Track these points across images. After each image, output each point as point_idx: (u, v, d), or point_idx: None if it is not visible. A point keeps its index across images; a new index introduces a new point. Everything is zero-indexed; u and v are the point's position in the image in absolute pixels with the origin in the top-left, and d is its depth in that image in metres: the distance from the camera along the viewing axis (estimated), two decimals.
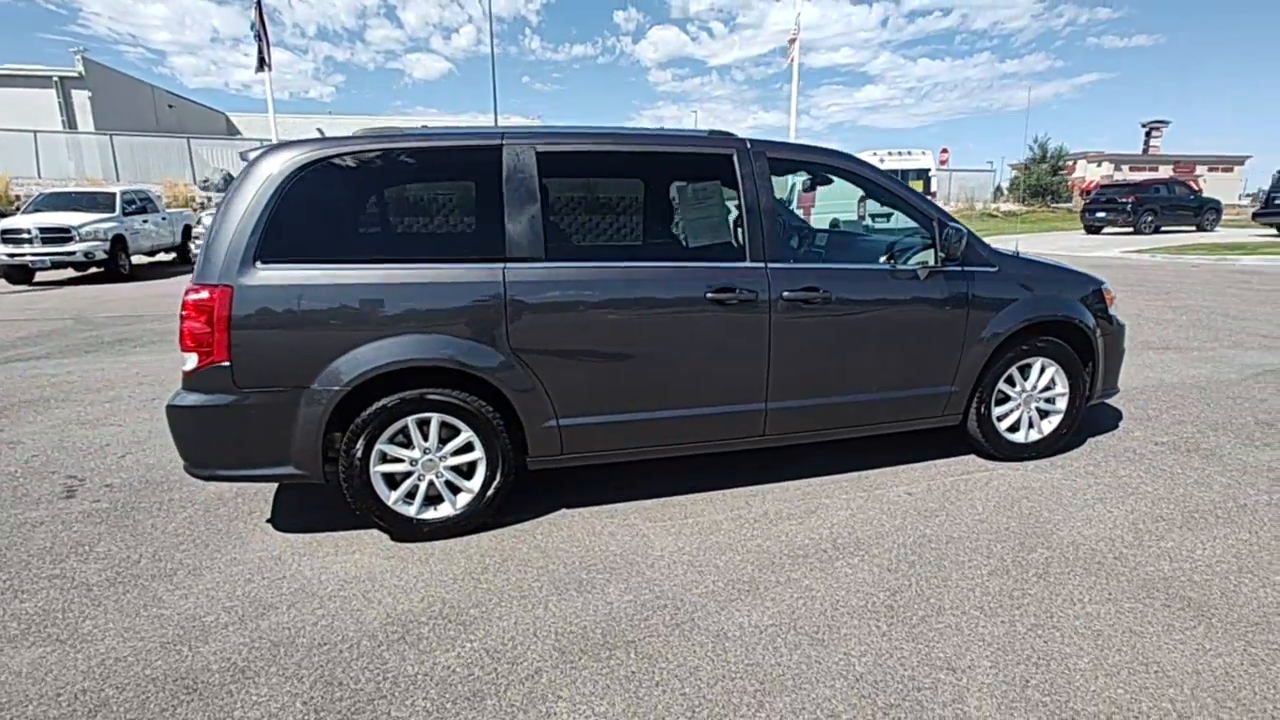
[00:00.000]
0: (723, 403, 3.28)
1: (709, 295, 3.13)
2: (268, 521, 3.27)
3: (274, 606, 2.55)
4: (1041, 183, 37.26)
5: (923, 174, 16.55)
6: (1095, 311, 3.85)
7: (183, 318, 2.74)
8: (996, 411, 3.77)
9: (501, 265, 2.95)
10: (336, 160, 2.89)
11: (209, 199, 22.12)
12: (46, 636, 2.34)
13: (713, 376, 3.24)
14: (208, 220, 8.79)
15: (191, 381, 2.81)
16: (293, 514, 3.34)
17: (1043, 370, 3.78)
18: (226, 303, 2.70)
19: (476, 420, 2.99)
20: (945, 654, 2.19)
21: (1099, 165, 45.78)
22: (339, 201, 3.00)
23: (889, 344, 3.45)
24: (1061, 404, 3.84)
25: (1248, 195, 41.46)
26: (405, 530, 3.07)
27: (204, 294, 2.72)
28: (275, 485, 3.61)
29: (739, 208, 3.31)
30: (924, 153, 17.03)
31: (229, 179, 13.31)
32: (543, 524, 3.21)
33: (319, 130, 31.20)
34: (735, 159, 3.28)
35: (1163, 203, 21.97)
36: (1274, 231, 19.73)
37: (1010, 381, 3.75)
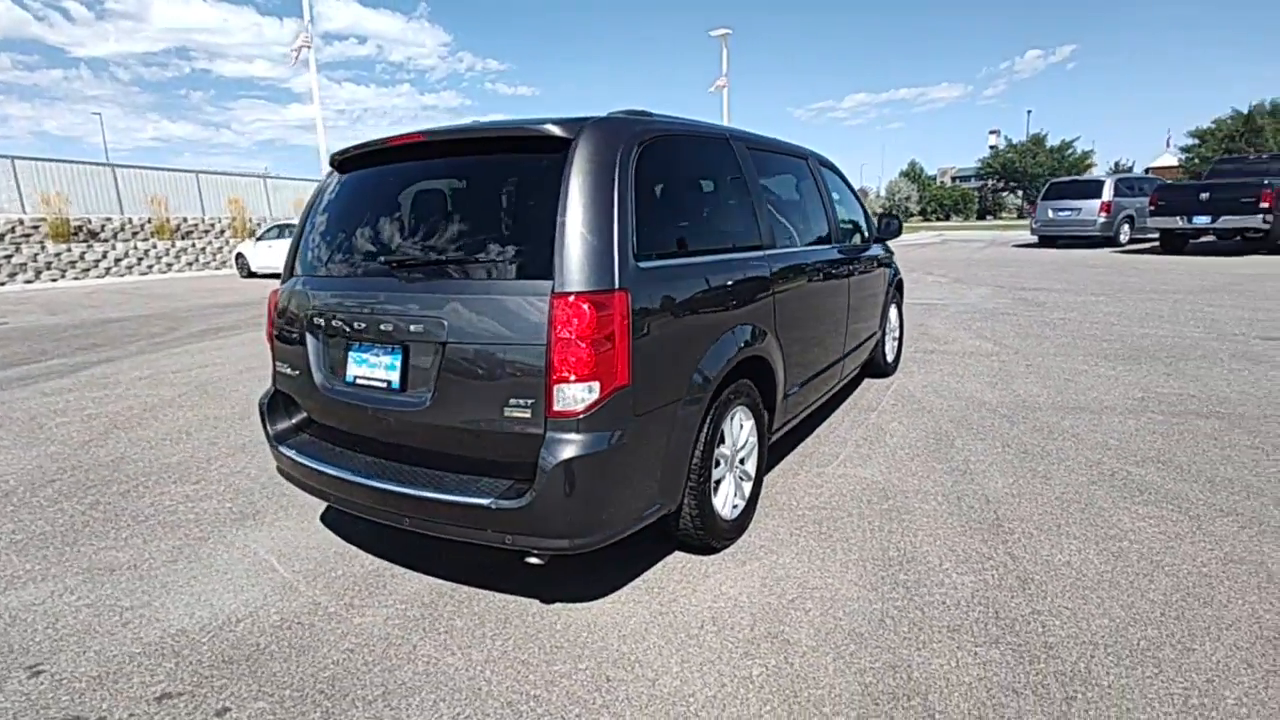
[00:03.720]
0: (835, 357, 3.97)
1: (841, 269, 3.97)
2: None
3: None
4: None
5: None
6: None
7: (567, 340, 2.01)
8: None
9: (763, 252, 3.05)
10: (666, 140, 2.54)
11: None
12: None
13: (832, 335, 3.91)
14: None
15: (590, 421, 2.06)
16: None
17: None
18: (626, 310, 2.12)
19: (754, 407, 2.89)
20: None
21: None
22: (675, 184, 2.68)
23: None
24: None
25: None
26: (715, 538, 2.66)
27: (597, 302, 2.04)
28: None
29: (824, 203, 4.11)
30: None
31: None
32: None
33: None
34: (809, 163, 4.08)
35: None
36: None
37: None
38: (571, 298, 1.99)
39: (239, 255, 18.13)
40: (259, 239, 17.40)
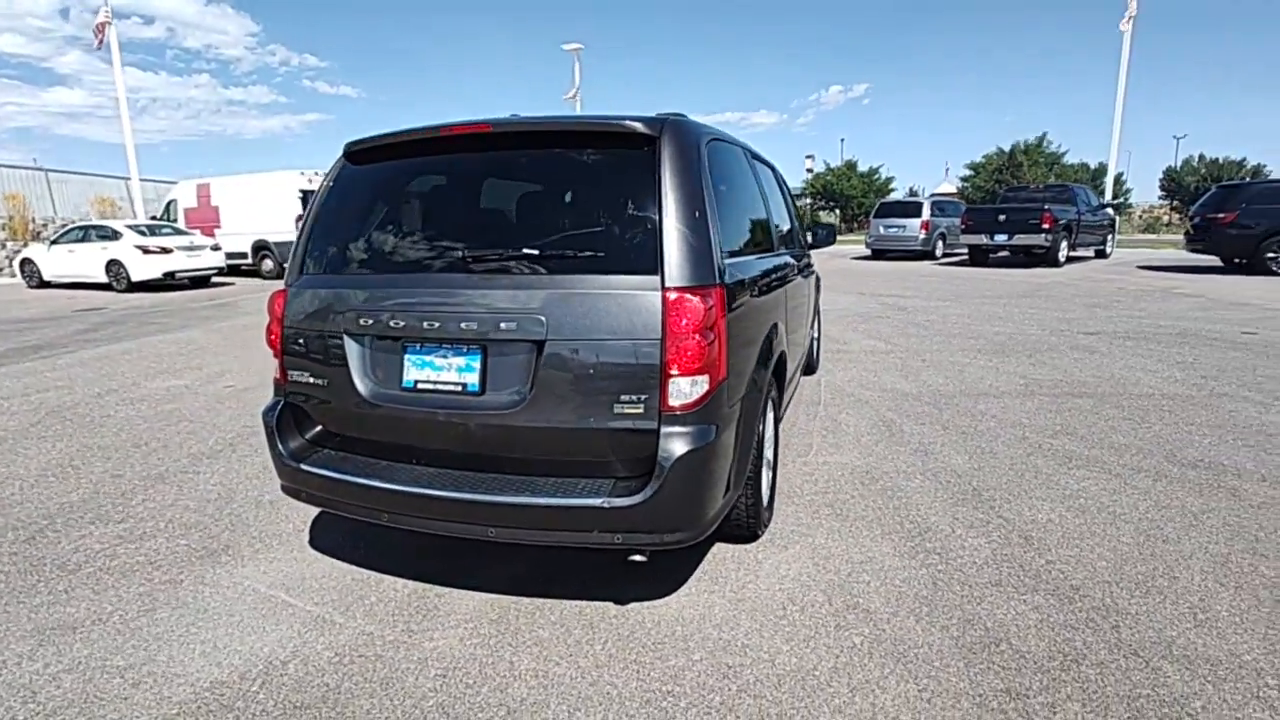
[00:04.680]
0: (801, 354, 4.26)
1: (804, 271, 4.29)
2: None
3: None
4: None
5: None
6: None
7: (679, 335, 1.99)
8: None
9: (774, 253, 3.23)
10: (717, 143, 2.65)
11: None
12: None
13: (801, 332, 4.15)
14: None
15: (700, 414, 2.05)
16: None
17: None
18: (724, 304, 2.15)
19: (775, 400, 2.96)
20: None
21: None
22: (728, 186, 2.74)
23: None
24: None
25: None
26: (760, 525, 2.74)
27: (704, 297, 2.04)
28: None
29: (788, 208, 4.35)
30: None
31: None
32: None
33: None
34: (775, 172, 4.17)
35: None
36: None
37: None
38: (684, 293, 2.01)
39: (25, 262, 15.21)
40: (54, 242, 14.74)
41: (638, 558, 2.16)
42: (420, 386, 2.21)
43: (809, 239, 4.87)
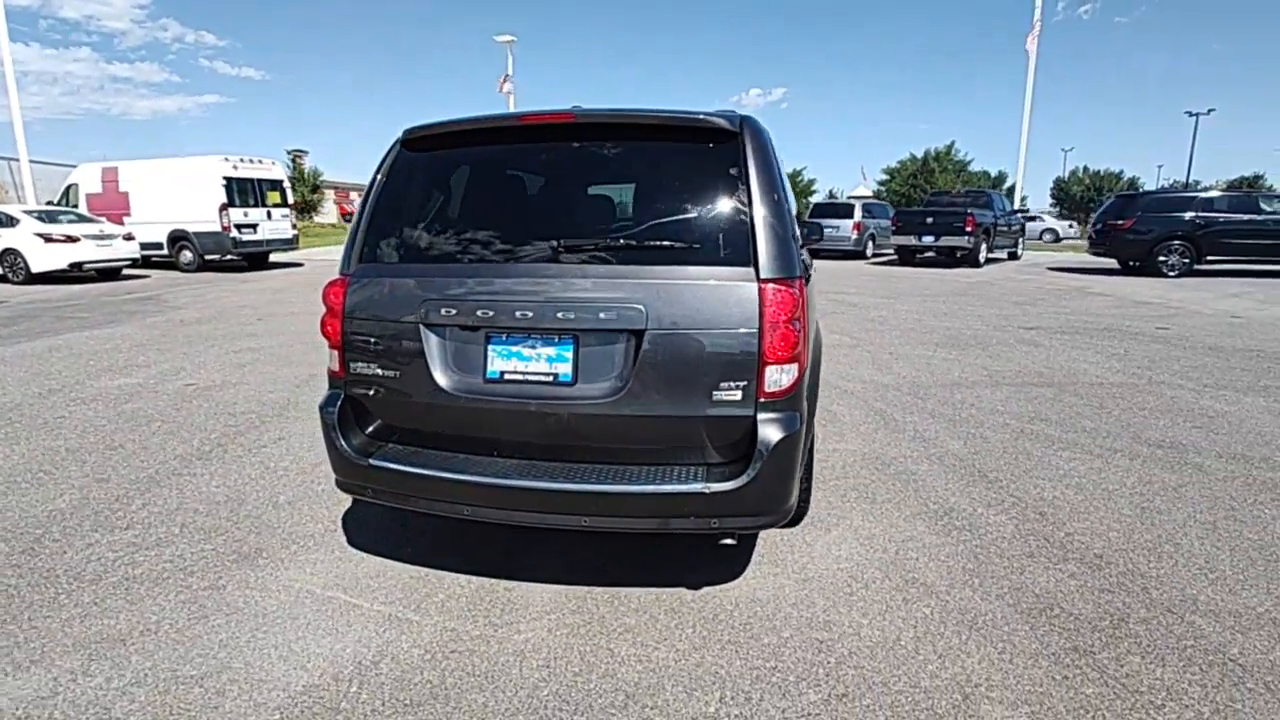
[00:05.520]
0: None
1: None
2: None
3: None
4: None
5: (277, 185, 15.98)
6: None
7: (775, 324, 2.07)
8: None
9: None
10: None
11: None
12: None
13: None
14: None
15: (790, 401, 2.15)
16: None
17: None
18: (804, 295, 2.27)
19: None
20: None
21: None
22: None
23: None
24: None
25: None
26: (807, 507, 2.84)
27: (794, 289, 2.14)
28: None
29: None
30: (274, 163, 16.11)
31: None
32: None
33: None
34: None
35: None
36: None
37: None
38: (777, 284, 2.09)
39: None
40: None
41: (729, 541, 2.22)
42: (507, 377, 2.19)
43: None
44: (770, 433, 2.09)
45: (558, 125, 2.29)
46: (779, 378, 2.11)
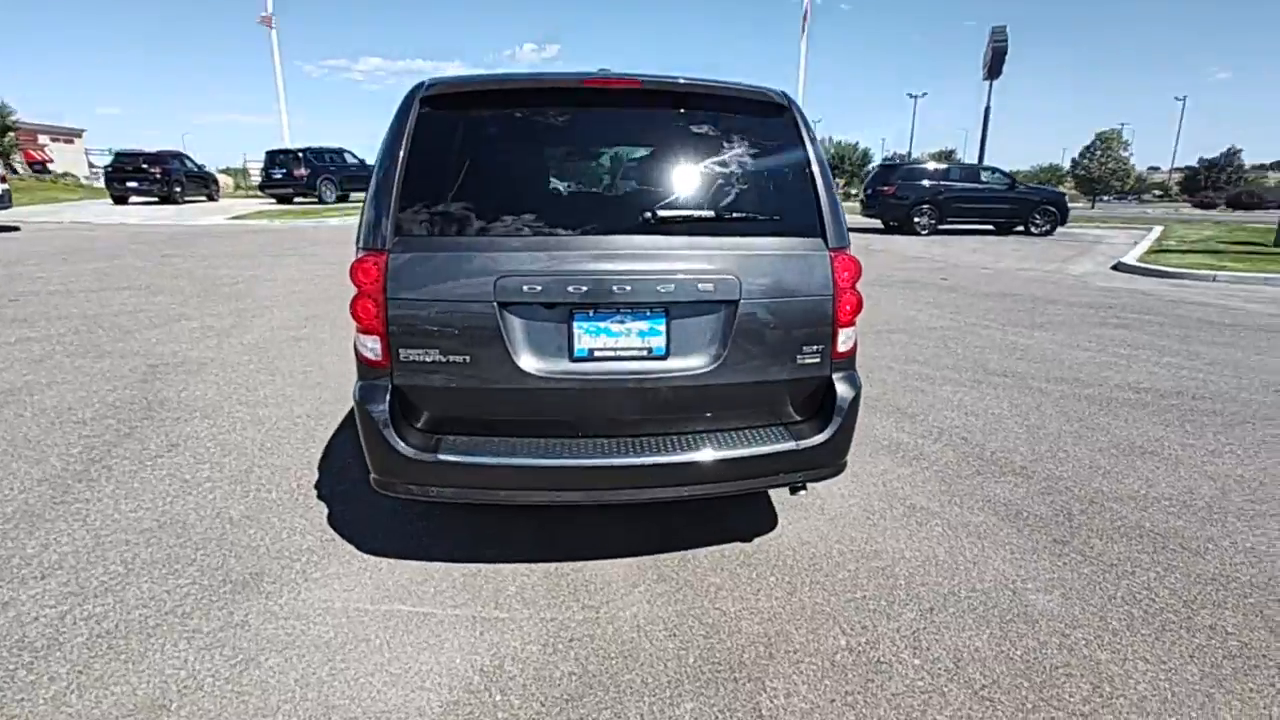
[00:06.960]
0: None
1: None
2: None
3: None
4: None
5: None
6: None
7: (844, 290, 2.24)
8: None
9: None
10: None
11: None
12: None
13: None
14: None
15: (851, 360, 2.37)
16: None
17: None
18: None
19: None
20: None
21: None
22: None
23: None
24: None
25: (95, 168, 38.00)
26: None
27: (853, 257, 2.27)
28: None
29: None
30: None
31: None
32: None
33: None
34: None
35: (186, 173, 23.66)
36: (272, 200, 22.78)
37: None
38: (843, 253, 2.27)
39: None
40: None
41: (802, 491, 2.41)
42: (596, 355, 2.11)
43: None
44: (845, 390, 2.29)
45: (624, 90, 2.20)
46: (846, 340, 2.30)
